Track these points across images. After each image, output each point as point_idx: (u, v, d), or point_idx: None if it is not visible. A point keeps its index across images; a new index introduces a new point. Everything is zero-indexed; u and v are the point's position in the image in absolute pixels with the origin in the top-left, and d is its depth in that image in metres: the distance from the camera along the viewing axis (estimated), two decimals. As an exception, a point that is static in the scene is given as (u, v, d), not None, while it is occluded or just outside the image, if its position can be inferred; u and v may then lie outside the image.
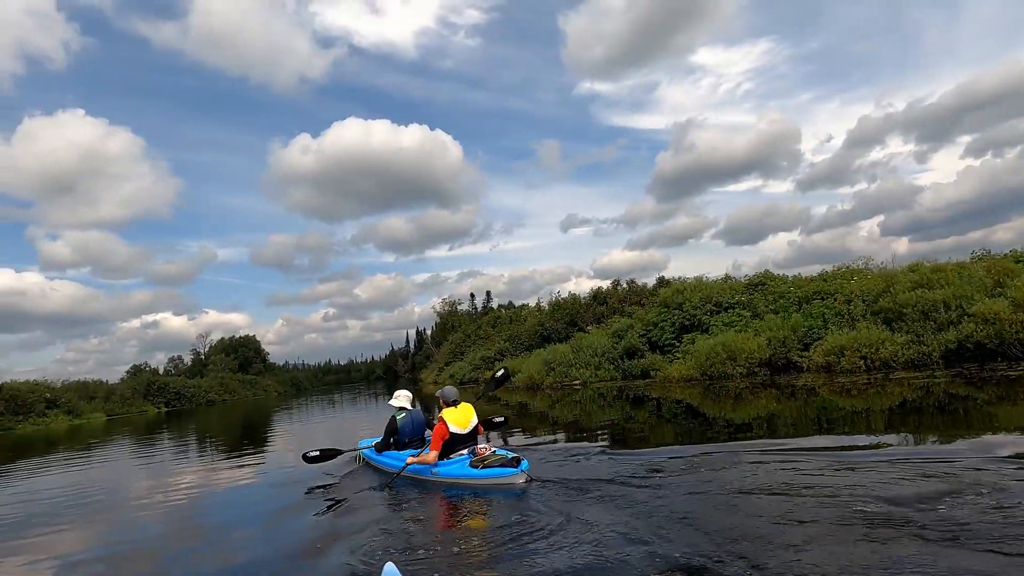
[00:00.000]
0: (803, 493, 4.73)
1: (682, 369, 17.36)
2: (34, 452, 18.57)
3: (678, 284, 23.61)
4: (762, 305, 19.94)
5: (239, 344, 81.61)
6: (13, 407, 32.71)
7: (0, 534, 6.36)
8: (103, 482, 10.16)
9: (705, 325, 20.29)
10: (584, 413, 13.68)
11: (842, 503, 4.31)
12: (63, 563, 5.00)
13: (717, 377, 16.36)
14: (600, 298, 33.34)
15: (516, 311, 46.34)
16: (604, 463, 6.55)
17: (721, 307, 20.74)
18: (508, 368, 9.15)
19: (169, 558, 4.89)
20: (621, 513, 4.49)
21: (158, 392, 49.57)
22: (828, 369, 14.61)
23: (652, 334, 21.82)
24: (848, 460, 5.74)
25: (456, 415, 6.43)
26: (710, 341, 17.35)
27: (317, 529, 5.12)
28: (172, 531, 5.91)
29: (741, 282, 22.95)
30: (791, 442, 7.13)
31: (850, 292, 17.50)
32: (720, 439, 8.07)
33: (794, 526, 3.96)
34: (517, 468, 5.68)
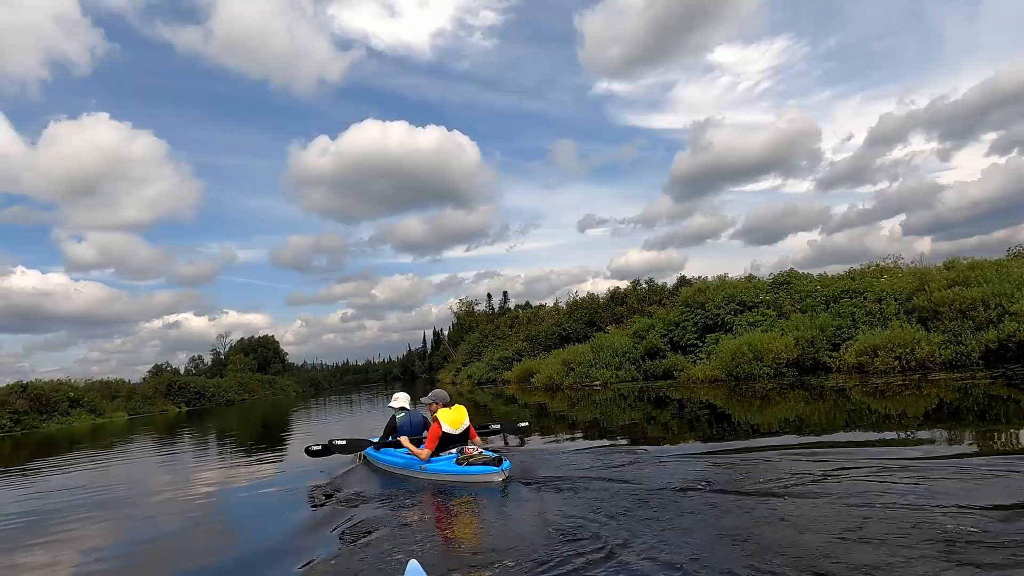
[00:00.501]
0: (825, 495, 4.47)
1: (707, 370, 16.92)
2: (58, 450, 18.68)
3: (700, 283, 23.15)
4: (788, 304, 19.43)
5: (258, 344, 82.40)
6: (38, 406, 33.16)
7: (26, 529, 6.56)
8: (125, 480, 10.29)
9: (728, 325, 19.82)
10: (604, 414, 13.35)
11: (880, 507, 3.98)
12: (85, 557, 5.15)
13: (743, 378, 15.91)
14: (619, 298, 32.96)
15: (534, 311, 46.04)
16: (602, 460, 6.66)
17: (745, 306, 20.26)
18: (530, 423, 9.41)
19: (183, 553, 5.00)
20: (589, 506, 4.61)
21: (179, 392, 50.06)
22: (861, 370, 14.10)
23: (674, 334, 21.39)
24: (886, 463, 5.40)
25: (450, 416, 6.80)
26: (735, 341, 16.89)
27: (324, 525, 5.20)
28: (188, 527, 6.00)
29: (765, 281, 22.46)
30: (820, 444, 6.77)
31: (881, 291, 16.96)
32: (744, 439, 7.76)
33: (811, 532, 3.69)
34: (498, 467, 5.93)
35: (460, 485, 6.01)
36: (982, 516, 3.73)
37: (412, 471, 6.74)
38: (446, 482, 6.20)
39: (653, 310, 25.06)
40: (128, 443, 18.98)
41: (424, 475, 6.54)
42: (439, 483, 6.26)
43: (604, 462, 6.58)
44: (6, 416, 30.42)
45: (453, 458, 6.31)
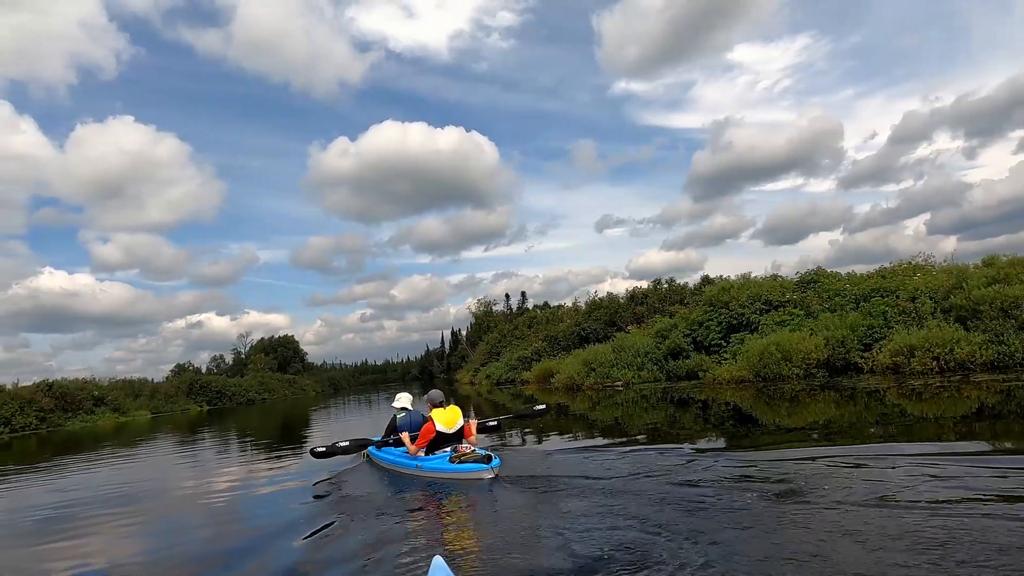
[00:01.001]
0: (857, 502, 4.21)
1: (733, 370, 16.46)
2: (82, 448, 18.85)
3: (724, 282, 22.60)
4: (815, 303, 18.89)
5: (278, 344, 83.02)
6: (63, 404, 33.61)
7: (52, 523, 6.77)
8: (148, 477, 10.54)
9: (754, 324, 19.31)
10: (626, 415, 13.05)
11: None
12: (108, 551, 5.40)
13: (771, 379, 15.43)
14: (639, 298, 32.47)
15: (552, 311, 45.64)
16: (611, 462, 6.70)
17: (771, 305, 19.72)
18: (548, 405, 9.66)
19: (200, 548, 5.17)
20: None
21: (200, 391, 50.51)
22: (896, 371, 13.57)
23: (697, 334, 20.92)
24: (926, 468, 5.09)
25: (444, 416, 7.10)
26: (762, 341, 16.41)
27: (333, 522, 5.32)
28: (205, 524, 6.18)
29: (791, 280, 21.88)
30: (853, 447, 6.46)
31: (914, 289, 16.35)
32: (771, 441, 7.46)
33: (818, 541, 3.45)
34: (488, 465, 6.21)
35: (453, 482, 6.31)
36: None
37: (409, 469, 7.07)
38: (440, 479, 6.51)
39: (675, 310, 24.58)
40: (151, 441, 19.13)
41: (420, 472, 6.87)
42: (433, 480, 6.58)
43: (612, 463, 6.63)
44: (32, 414, 30.85)
45: (447, 456, 6.62)
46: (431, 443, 7.01)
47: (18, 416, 30.00)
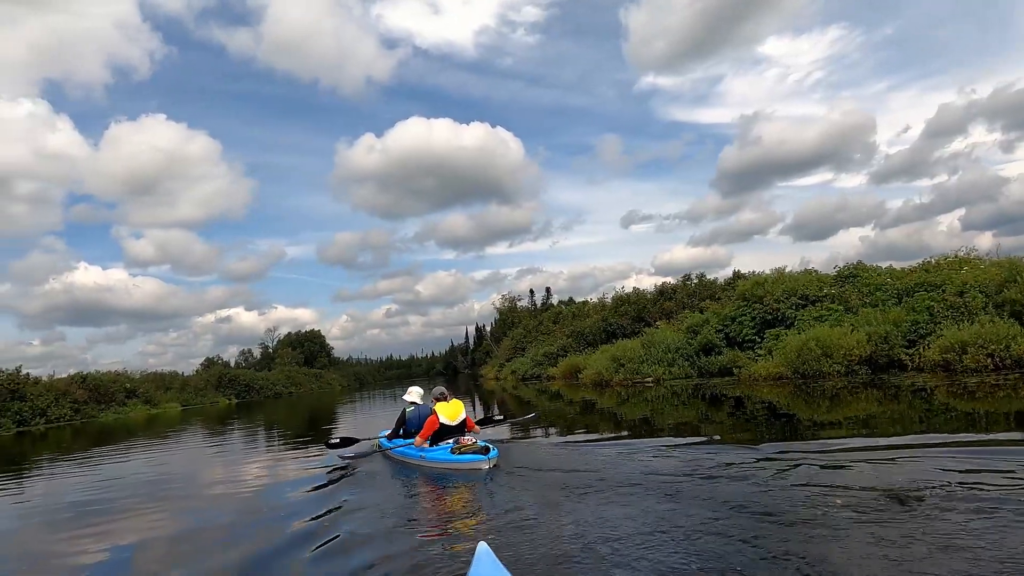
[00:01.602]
0: (899, 509, 3.88)
1: (770, 366, 15.89)
2: (115, 439, 19.14)
3: (758, 277, 21.93)
4: (855, 298, 18.17)
5: (305, 339, 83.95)
6: (96, 396, 34.29)
7: (88, 512, 6.91)
8: (179, 468, 10.69)
9: (789, 320, 18.68)
10: (656, 412, 12.66)
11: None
12: (139, 539, 5.54)
13: (811, 376, 14.83)
14: (667, 293, 31.85)
15: (578, 307, 45.15)
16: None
17: (808, 300, 19.05)
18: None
19: (230, 536, 5.28)
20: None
21: (229, 384, 51.26)
22: (947, 368, 12.90)
23: (730, 329, 20.33)
24: (979, 471, 4.73)
25: (447, 409, 7.60)
26: (801, 336, 15.79)
27: (357, 511, 5.57)
28: (237, 512, 6.32)
29: (828, 274, 21.14)
30: (900, 448, 5.97)
31: (962, 283, 15.58)
32: (807, 440, 7.16)
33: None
34: (486, 456, 6.62)
35: (454, 471, 6.70)
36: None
37: (414, 459, 7.54)
38: (442, 469, 6.92)
39: (707, 305, 23.97)
40: (181, 433, 19.34)
41: (424, 463, 7.31)
42: (436, 470, 6.98)
43: (621, 458, 6.77)
44: (67, 405, 31.50)
45: (449, 447, 7.03)
46: (436, 434, 7.43)
47: (53, 407, 30.64)
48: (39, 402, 30.23)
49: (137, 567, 4.74)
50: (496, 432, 9.76)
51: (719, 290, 27.78)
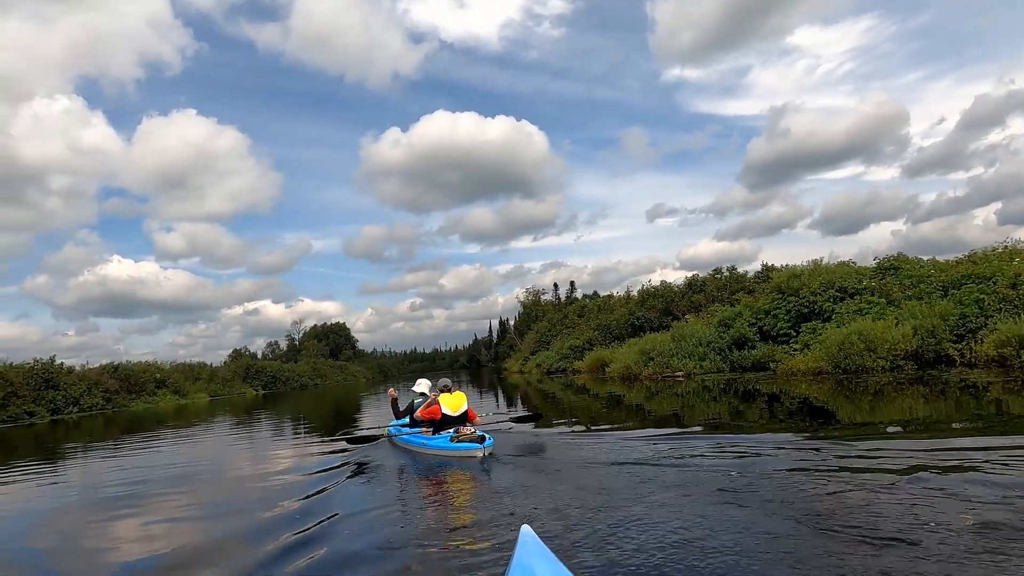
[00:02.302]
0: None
1: (809, 361, 15.28)
2: (146, 428, 19.35)
3: (793, 269, 21.21)
4: (897, 291, 17.42)
5: (330, 331, 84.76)
6: (127, 386, 34.88)
7: (122, 498, 7.04)
8: (210, 457, 10.83)
9: (827, 313, 18.00)
10: (686, 407, 12.27)
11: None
12: (171, 525, 5.60)
13: (853, 371, 14.21)
14: (696, 286, 31.19)
15: (604, 300, 44.60)
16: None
17: (846, 293, 18.34)
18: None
19: (259, 523, 5.19)
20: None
21: (256, 375, 51.87)
22: (1002, 363, 12.21)
23: (764, 323, 19.71)
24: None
25: (450, 401, 8.03)
26: (842, 330, 15.14)
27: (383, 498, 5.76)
28: (264, 496, 6.32)
29: (867, 267, 20.36)
30: (955, 451, 5.45)
31: (1014, 275, 14.79)
32: (848, 437, 6.63)
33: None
34: (481, 444, 7.07)
35: (453, 459, 7.13)
36: None
37: (418, 447, 8.01)
38: (442, 456, 7.36)
39: (739, 298, 23.32)
40: (210, 423, 19.48)
41: (426, 450, 7.78)
42: (437, 456, 7.43)
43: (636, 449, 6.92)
44: (99, 395, 32.07)
45: (449, 436, 7.48)
46: (440, 423, 7.88)
47: (86, 397, 31.20)
48: (72, 391, 30.81)
49: (167, 550, 4.75)
50: (523, 425, 9.80)
51: (750, 283, 27.07)
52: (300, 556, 4.07)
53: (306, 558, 4.01)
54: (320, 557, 4.02)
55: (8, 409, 27.50)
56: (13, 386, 28.60)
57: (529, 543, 2.57)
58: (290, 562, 3.96)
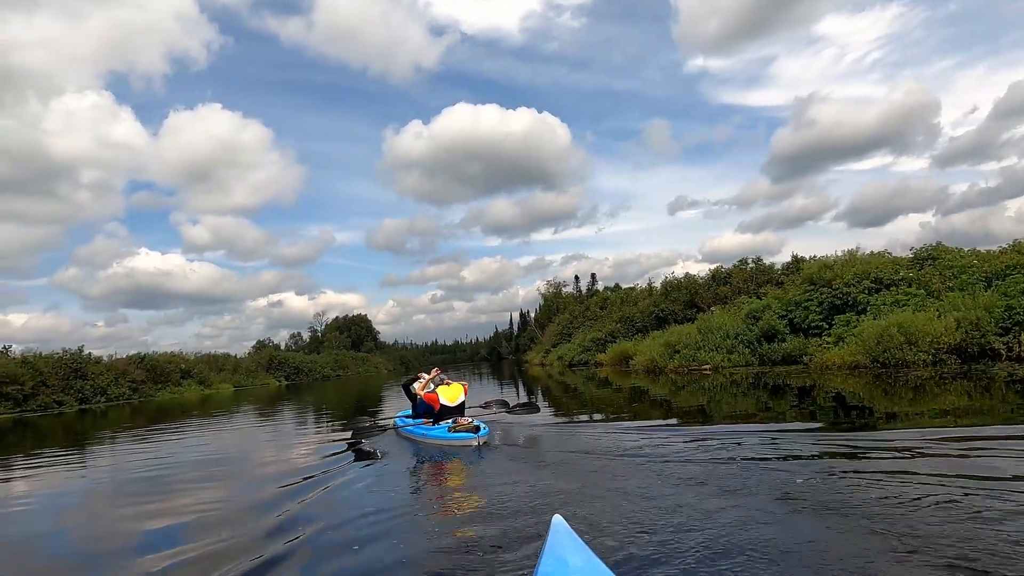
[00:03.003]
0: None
1: (845, 354, 14.66)
2: (172, 417, 19.51)
3: (825, 259, 20.50)
4: (937, 282, 16.68)
5: (352, 323, 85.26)
6: (153, 376, 35.43)
7: (151, 485, 7.22)
8: (234, 446, 11.03)
9: (861, 305, 17.33)
10: (713, 401, 11.81)
11: None
12: (199, 508, 5.69)
13: (892, 365, 13.58)
14: (721, 278, 30.48)
15: (627, 292, 43.99)
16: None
17: (882, 284, 17.64)
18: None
19: (287, 510, 5.19)
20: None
21: (279, 366, 52.42)
22: (1055, 358, 11.55)
23: (794, 315, 19.08)
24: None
25: (448, 392, 8.55)
26: (881, 322, 14.50)
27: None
28: (288, 482, 6.42)
29: (903, 257, 19.58)
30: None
31: (1065, 264, 14.01)
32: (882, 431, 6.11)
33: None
34: (475, 434, 7.43)
35: (449, 447, 7.53)
36: None
37: (419, 437, 8.39)
38: (440, 445, 7.73)
39: (767, 290, 22.67)
40: (235, 413, 19.59)
41: (427, 440, 8.14)
42: (436, 446, 7.80)
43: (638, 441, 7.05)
44: (125, 385, 32.57)
45: (447, 426, 7.88)
46: (439, 414, 8.39)
47: (113, 387, 31.70)
48: (100, 381, 31.31)
49: (192, 534, 4.80)
50: (540, 417, 10.06)
51: (778, 275, 26.33)
52: (326, 541, 4.17)
53: (336, 544, 4.08)
54: (345, 544, 4.07)
55: (38, 398, 28.03)
56: (43, 376, 29.13)
57: (561, 532, 2.58)
58: (313, 544, 4.10)
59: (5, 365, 27.82)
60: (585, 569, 2.30)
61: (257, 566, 3.72)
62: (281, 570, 3.66)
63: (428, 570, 3.46)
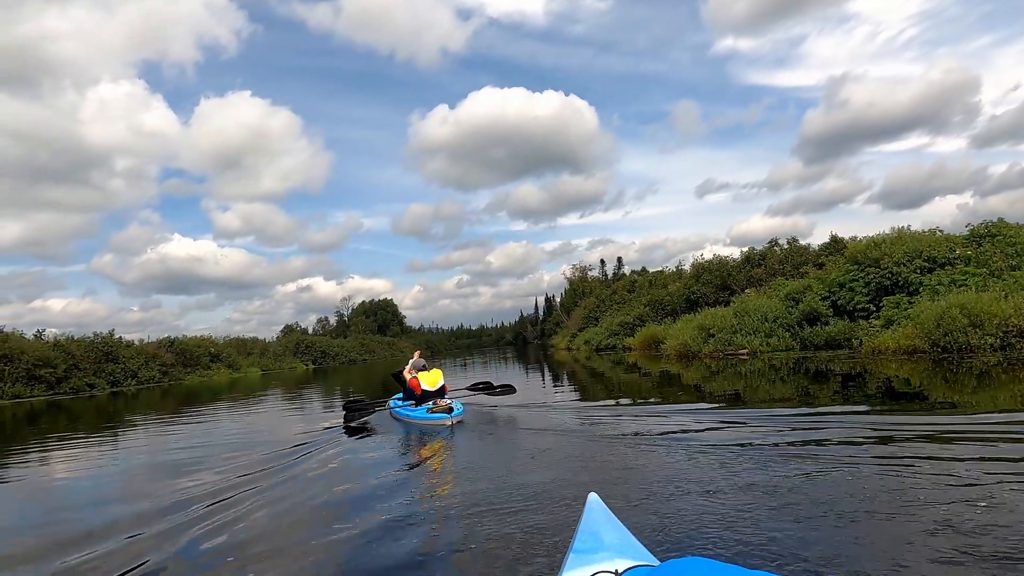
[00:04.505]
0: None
1: (900, 338, 13.65)
2: (202, 400, 19.65)
3: (873, 237, 19.30)
4: (999, 260, 15.48)
5: (378, 307, 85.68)
6: (183, 360, 35.72)
7: (186, 464, 7.43)
8: (265, 428, 11.26)
9: (913, 286, 16.22)
10: (749, 388, 11.10)
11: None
12: (234, 487, 5.78)
13: (954, 349, 12.57)
14: (754, 260, 29.30)
15: (655, 275, 42.92)
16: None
17: (935, 263, 16.48)
18: (512, 386, 10.99)
19: (323, 487, 5.54)
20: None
21: (306, 350, 52.71)
22: None
23: (838, 296, 18.02)
24: None
25: (427, 378, 9.48)
26: (941, 303, 13.43)
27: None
28: (315, 461, 6.82)
29: (957, 234, 18.30)
30: None
31: None
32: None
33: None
34: (449, 415, 8.46)
35: (428, 426, 8.52)
36: None
37: (404, 417, 9.36)
38: (421, 424, 8.73)
39: (807, 270, 21.57)
40: (265, 396, 19.65)
41: (410, 420, 9.09)
42: (417, 425, 8.79)
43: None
44: (155, 368, 32.85)
45: (426, 408, 8.84)
46: (421, 397, 9.25)
47: (143, 370, 31.99)
48: (130, 364, 31.61)
49: (229, 510, 4.96)
50: (563, 400, 10.97)
51: (814, 256, 25.11)
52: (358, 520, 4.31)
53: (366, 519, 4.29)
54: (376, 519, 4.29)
55: (70, 381, 28.35)
56: (75, 359, 29.47)
57: (596, 509, 2.66)
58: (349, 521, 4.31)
59: (38, 348, 28.18)
60: (620, 545, 2.34)
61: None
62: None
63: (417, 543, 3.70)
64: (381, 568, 3.41)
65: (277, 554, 3.81)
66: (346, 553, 3.69)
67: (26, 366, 26.43)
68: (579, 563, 2.23)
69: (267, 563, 3.65)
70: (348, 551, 3.71)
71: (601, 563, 2.17)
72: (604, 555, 2.24)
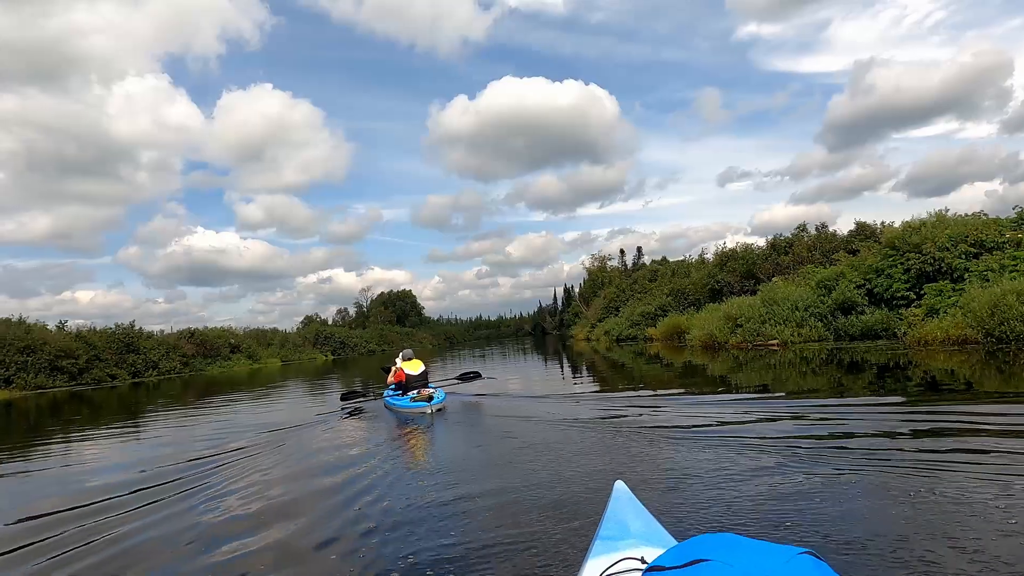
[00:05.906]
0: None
1: (949, 328, 12.77)
2: (222, 390, 19.53)
3: (913, 222, 18.29)
4: (1052, 245, 14.47)
5: (397, 298, 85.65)
6: (203, 350, 35.84)
7: (210, 450, 7.53)
8: (283, 418, 10.99)
9: (958, 272, 15.27)
10: (777, 380, 10.47)
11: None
12: (257, 476, 5.88)
13: (1011, 339, 11.68)
14: (781, 247, 28.30)
15: (678, 264, 41.95)
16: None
17: (983, 248, 15.50)
18: (480, 373, 11.63)
19: (338, 476, 5.53)
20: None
21: (325, 341, 52.78)
22: None
23: (875, 284, 17.12)
24: None
25: (411, 365, 9.98)
26: (995, 290, 12.51)
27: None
28: (335, 451, 6.89)
29: (1004, 218, 17.23)
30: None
31: None
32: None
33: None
34: (429, 402, 8.83)
35: (411, 414, 8.87)
36: None
37: (391, 406, 9.70)
38: (405, 412, 9.07)
39: (840, 256, 20.62)
40: (284, 387, 19.54)
41: (396, 408, 9.44)
42: (403, 413, 9.12)
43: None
44: (176, 359, 32.96)
45: (410, 396, 9.17)
46: (406, 385, 9.67)
47: (164, 360, 32.09)
48: (151, 355, 31.73)
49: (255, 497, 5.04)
50: (582, 389, 10.84)
51: (842, 242, 24.08)
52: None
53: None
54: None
55: (92, 372, 28.51)
56: (97, 350, 29.62)
57: (622, 497, 2.67)
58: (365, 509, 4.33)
59: (61, 340, 28.35)
60: (645, 533, 2.35)
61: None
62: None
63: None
64: (413, 557, 3.34)
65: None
66: (376, 549, 3.56)
67: (48, 357, 26.58)
68: (605, 549, 2.22)
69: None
70: (375, 547, 3.58)
71: (627, 550, 2.14)
72: (630, 542, 2.24)
